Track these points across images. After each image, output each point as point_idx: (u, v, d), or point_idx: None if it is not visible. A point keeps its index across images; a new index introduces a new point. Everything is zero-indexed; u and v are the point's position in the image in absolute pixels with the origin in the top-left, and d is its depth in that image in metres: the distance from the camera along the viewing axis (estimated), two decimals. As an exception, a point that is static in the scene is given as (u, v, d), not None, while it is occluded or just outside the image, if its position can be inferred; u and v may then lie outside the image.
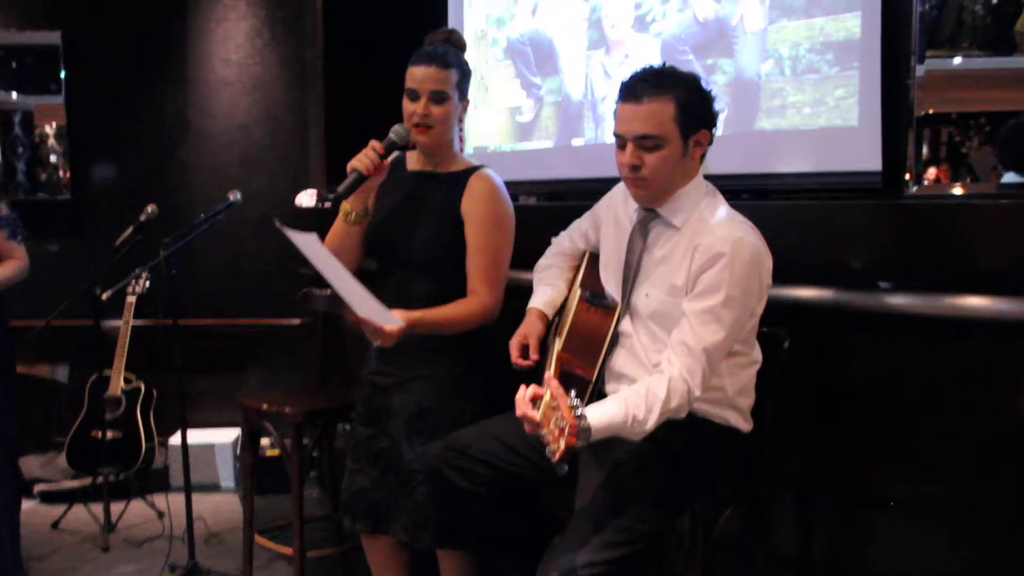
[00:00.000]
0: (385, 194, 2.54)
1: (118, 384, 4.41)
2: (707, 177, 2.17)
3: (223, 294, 4.89)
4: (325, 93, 4.54)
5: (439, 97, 2.40)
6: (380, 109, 2.76)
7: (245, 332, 4.94)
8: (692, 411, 2.01)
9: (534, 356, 2.24)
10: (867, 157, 2.63)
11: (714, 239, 1.98)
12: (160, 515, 4.10)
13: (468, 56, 2.53)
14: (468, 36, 3.84)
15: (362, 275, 2.25)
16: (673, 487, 2.06)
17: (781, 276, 2.18)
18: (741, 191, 2.92)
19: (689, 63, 3.03)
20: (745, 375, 2.12)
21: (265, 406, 2.95)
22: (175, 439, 4.65)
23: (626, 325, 2.14)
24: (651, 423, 1.89)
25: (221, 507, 4.35)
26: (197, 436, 4.42)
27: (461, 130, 2.55)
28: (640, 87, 2.03)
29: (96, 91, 4.83)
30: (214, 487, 4.63)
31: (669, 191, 2.08)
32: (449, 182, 2.48)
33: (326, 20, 4.56)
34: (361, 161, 2.34)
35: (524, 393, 1.84)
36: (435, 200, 2.48)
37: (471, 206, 2.44)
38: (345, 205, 2.44)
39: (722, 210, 2.07)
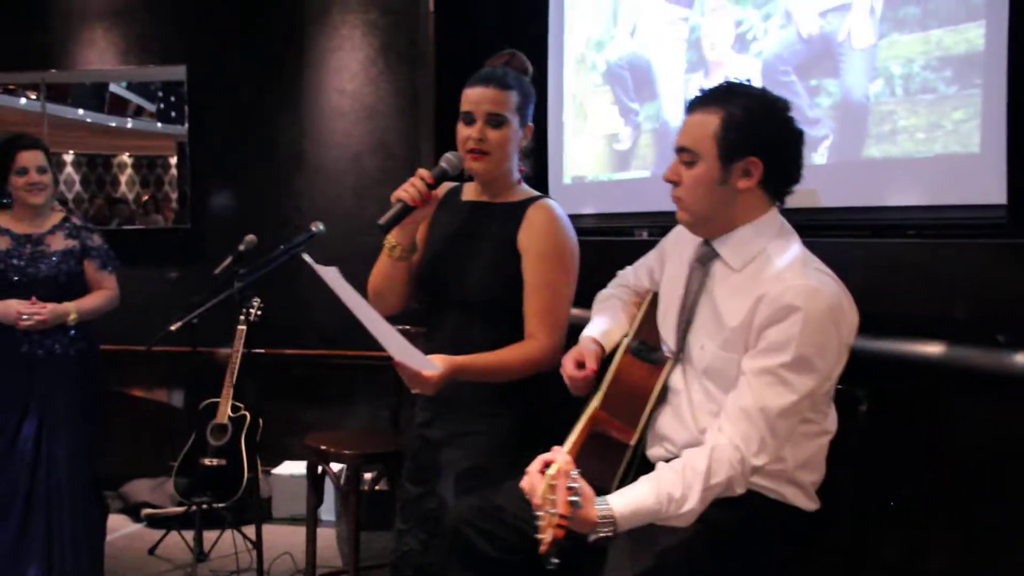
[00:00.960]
0: (438, 227, 2.38)
1: (225, 412, 4.44)
2: (802, 211, 1.88)
3: (334, 324, 4.85)
4: (436, 121, 4.45)
5: (496, 121, 2.21)
6: None
7: (355, 363, 4.88)
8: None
9: (591, 366, 2.00)
10: (990, 189, 2.25)
11: (784, 288, 1.69)
12: (253, 546, 4.06)
13: (567, 81, 2.32)
14: (568, 60, 3.67)
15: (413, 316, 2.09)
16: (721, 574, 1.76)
17: (873, 327, 1.86)
18: (844, 227, 2.59)
19: (791, 84, 2.73)
20: (811, 446, 1.81)
21: (323, 447, 2.83)
22: (280, 469, 4.65)
23: (677, 379, 1.88)
24: (692, 502, 1.63)
25: (320, 542, 4.27)
26: (300, 467, 4.39)
27: (523, 158, 2.33)
28: (698, 98, 1.79)
29: (217, 123, 4.93)
30: (321, 520, 4.57)
31: (716, 222, 1.82)
32: (506, 213, 2.28)
33: (438, 47, 4.48)
34: (407, 191, 2.18)
35: (538, 461, 1.61)
36: (490, 233, 2.28)
37: (529, 239, 2.23)
38: (390, 238, 2.27)
39: (795, 253, 1.78)
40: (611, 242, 3.34)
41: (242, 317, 4.52)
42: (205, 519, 4.07)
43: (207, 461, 4.38)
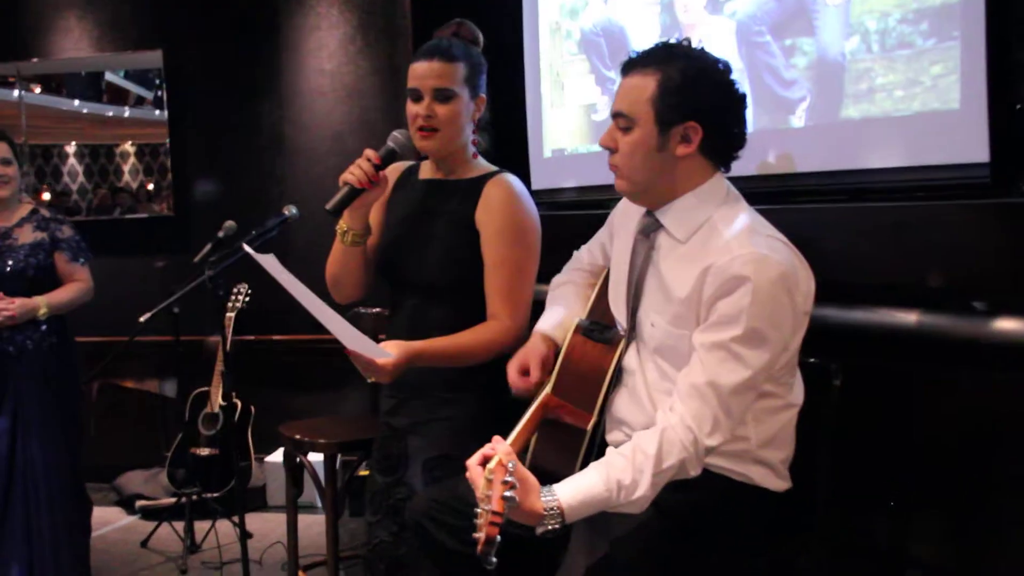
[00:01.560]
0: (393, 208, 2.29)
1: (216, 401, 4.40)
2: (776, 177, 1.79)
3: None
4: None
5: (444, 95, 2.12)
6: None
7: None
8: (706, 466, 1.64)
9: (535, 374, 1.91)
10: (971, 147, 2.14)
11: (731, 259, 1.60)
12: (248, 536, 4.01)
13: (543, 52, 2.22)
14: (543, 30, 3.55)
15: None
16: (680, 565, 1.68)
17: (848, 296, 1.77)
18: (821, 192, 2.49)
19: (767, 45, 2.62)
20: (775, 422, 1.71)
21: (298, 436, 2.76)
22: (273, 456, 4.60)
23: (631, 359, 1.79)
24: (643, 488, 1.55)
25: (310, 529, 4.22)
26: (293, 454, 4.34)
27: (478, 131, 2.23)
28: (633, 59, 1.70)
29: (196, 109, 4.84)
30: (311, 507, 4.52)
31: (656, 191, 1.73)
32: (462, 191, 2.19)
33: (415, 21, 4.36)
34: (353, 173, 2.09)
35: (478, 454, 1.53)
36: (446, 212, 2.19)
37: (487, 216, 2.14)
38: (341, 223, 2.19)
39: (742, 220, 1.68)
40: (593, 215, 3.24)
41: (229, 304, 4.47)
42: (199, 509, 4.04)
43: (199, 451, 4.35)
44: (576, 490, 1.52)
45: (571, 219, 3.24)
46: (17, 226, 3.20)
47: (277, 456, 4.61)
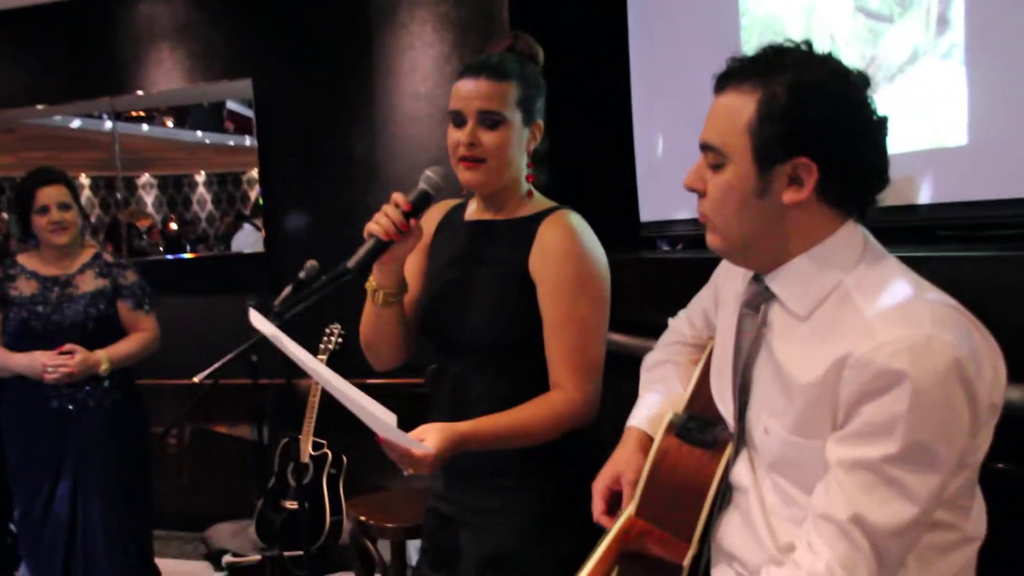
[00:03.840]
0: (436, 255, 1.92)
1: (306, 449, 4.13)
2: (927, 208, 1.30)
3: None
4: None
5: (492, 120, 1.73)
6: (578, 128, 2.05)
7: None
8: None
9: (631, 499, 1.49)
10: None
11: (876, 345, 1.13)
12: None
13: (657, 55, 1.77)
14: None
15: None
16: None
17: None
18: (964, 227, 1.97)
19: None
20: (947, 564, 1.22)
21: (363, 517, 2.40)
22: (367, 510, 4.29)
23: (742, 472, 1.33)
24: None
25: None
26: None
27: (531, 164, 1.83)
28: (730, 69, 1.27)
29: (287, 138, 4.62)
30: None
31: (759, 249, 1.28)
32: (513, 233, 1.80)
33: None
34: (379, 223, 1.71)
35: None
36: (495, 259, 1.80)
37: (543, 263, 1.74)
38: (371, 281, 1.82)
39: (890, 284, 1.20)
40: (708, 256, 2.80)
41: (321, 346, 4.23)
42: (285, 569, 3.76)
43: (287, 504, 4.10)
44: None
45: (682, 263, 2.81)
46: (79, 273, 3.00)
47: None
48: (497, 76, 1.73)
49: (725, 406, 1.38)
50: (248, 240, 4.85)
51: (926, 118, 2.04)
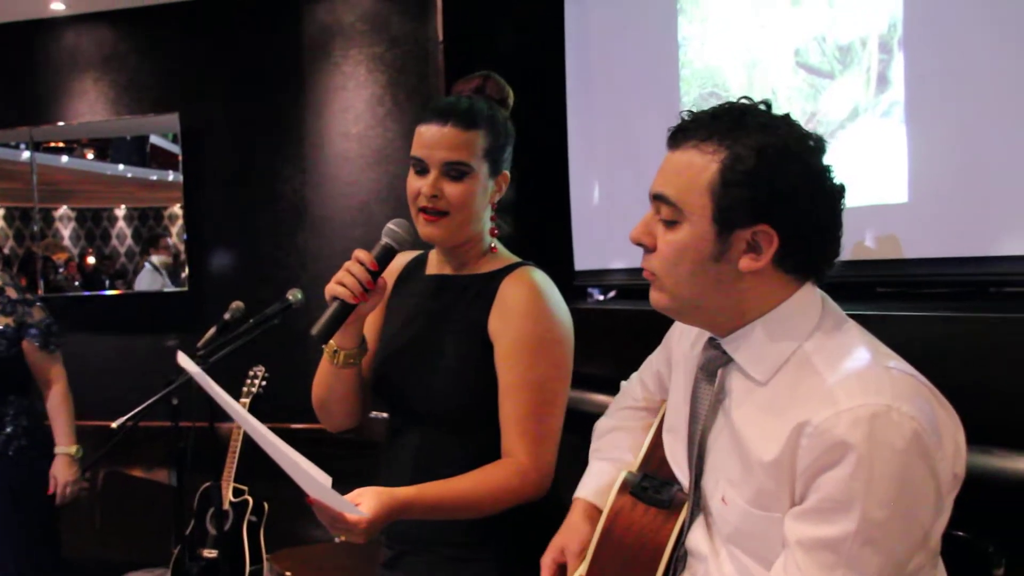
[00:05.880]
0: (394, 312, 1.82)
1: (226, 496, 3.97)
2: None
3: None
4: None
5: (457, 171, 1.63)
6: (513, 174, 1.95)
7: (375, 441, 4.37)
8: None
9: (574, 569, 1.42)
10: None
11: (834, 413, 1.09)
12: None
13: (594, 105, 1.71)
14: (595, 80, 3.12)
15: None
16: None
17: (1007, 441, 1.26)
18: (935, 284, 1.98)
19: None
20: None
21: (288, 573, 2.28)
22: (289, 559, 4.14)
23: (699, 539, 1.29)
24: None
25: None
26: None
27: (494, 217, 1.76)
28: (690, 123, 1.22)
29: (213, 176, 4.52)
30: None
31: (710, 312, 1.24)
32: (473, 291, 1.71)
33: (449, 82, 3.97)
34: (344, 283, 1.60)
35: None
36: (455, 319, 1.71)
37: (502, 323, 1.65)
38: (331, 343, 1.71)
39: (850, 350, 1.18)
40: (647, 308, 2.77)
41: (244, 389, 4.09)
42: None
43: (205, 552, 3.93)
44: None
45: (620, 314, 2.77)
46: (-23, 310, 2.81)
47: (293, 558, 4.17)
48: (465, 124, 1.63)
49: (680, 470, 1.34)
50: (147, 281, 4.70)
51: (866, 175, 2.06)
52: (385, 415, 2.05)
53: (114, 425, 2.82)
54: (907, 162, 2.01)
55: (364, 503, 1.48)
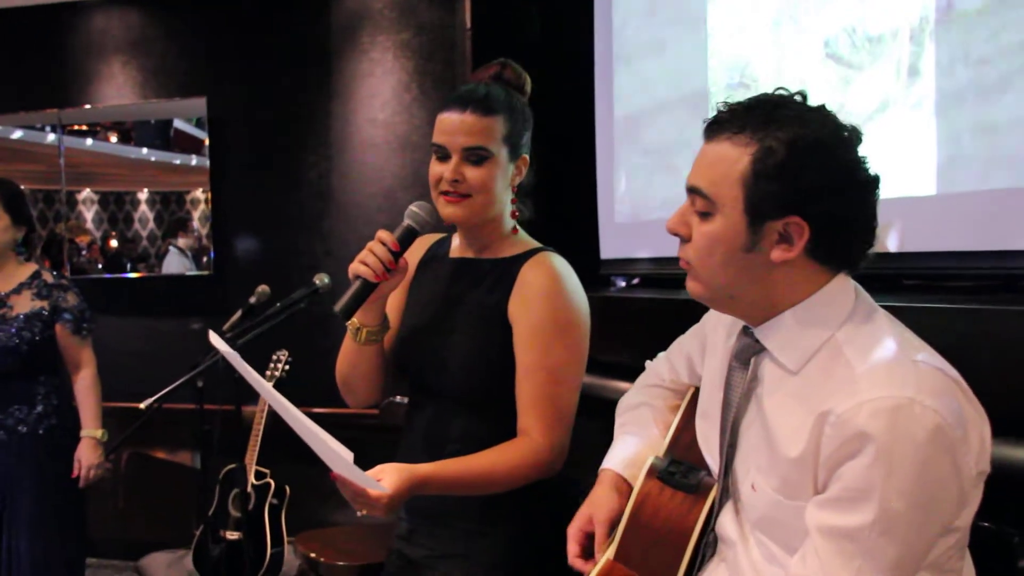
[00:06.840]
0: (416, 292, 1.87)
1: (249, 478, 4.01)
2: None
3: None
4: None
5: (477, 156, 1.68)
6: (539, 162, 1.99)
7: (396, 423, 4.40)
8: None
9: (603, 543, 1.44)
10: None
11: (857, 404, 1.11)
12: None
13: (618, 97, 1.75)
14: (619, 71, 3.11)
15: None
16: None
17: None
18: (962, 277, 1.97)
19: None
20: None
21: (313, 554, 2.31)
22: (310, 542, 4.17)
23: (728, 523, 1.30)
24: None
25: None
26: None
27: (515, 200, 1.80)
28: (723, 116, 1.24)
29: (240, 161, 4.54)
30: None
31: (744, 301, 1.26)
32: (494, 274, 1.76)
33: (475, 65, 3.98)
34: (366, 263, 1.65)
35: None
36: (475, 301, 1.76)
37: (521, 307, 1.70)
38: (353, 320, 1.76)
39: (880, 341, 1.18)
40: (672, 297, 2.77)
41: (268, 373, 4.12)
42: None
43: (227, 534, 3.97)
44: None
45: (643, 302, 2.78)
46: (14, 292, 2.85)
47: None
48: (484, 110, 1.68)
49: (711, 456, 1.35)
50: (174, 264, 4.74)
51: (895, 167, 2.05)
52: (407, 400, 2.09)
53: (142, 406, 2.88)
54: (935, 155, 2.01)
55: (385, 479, 1.53)
